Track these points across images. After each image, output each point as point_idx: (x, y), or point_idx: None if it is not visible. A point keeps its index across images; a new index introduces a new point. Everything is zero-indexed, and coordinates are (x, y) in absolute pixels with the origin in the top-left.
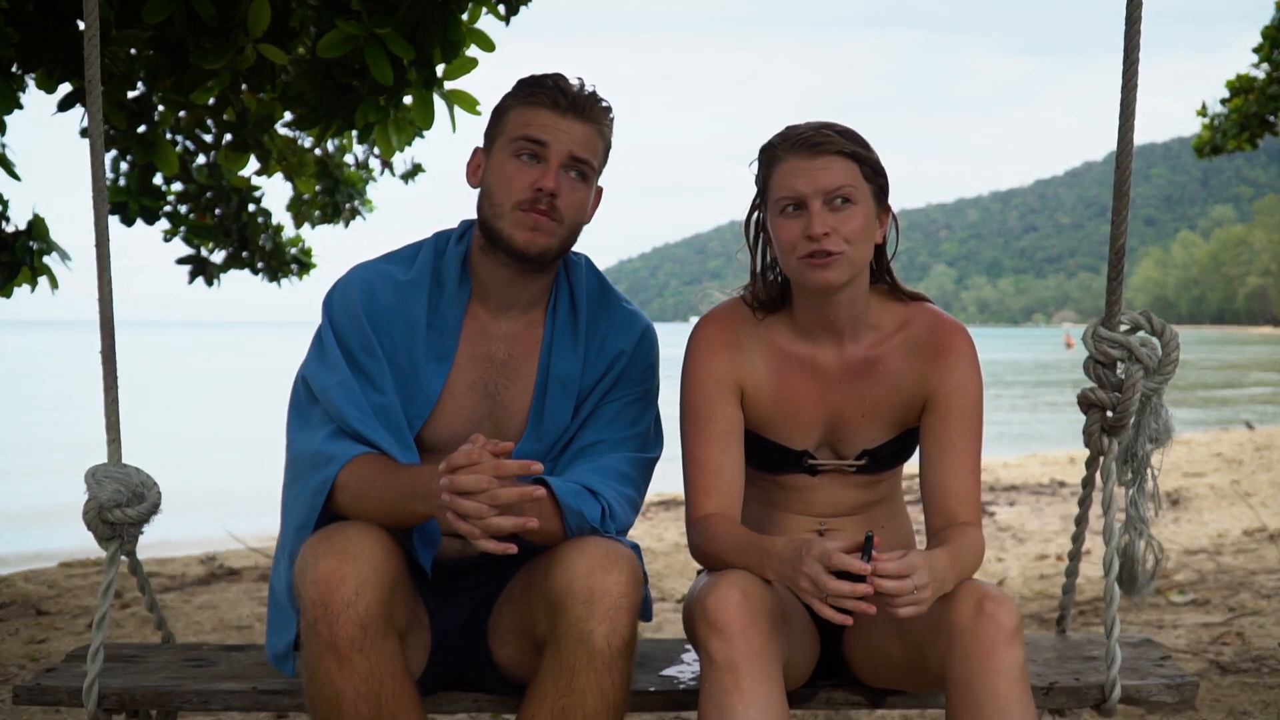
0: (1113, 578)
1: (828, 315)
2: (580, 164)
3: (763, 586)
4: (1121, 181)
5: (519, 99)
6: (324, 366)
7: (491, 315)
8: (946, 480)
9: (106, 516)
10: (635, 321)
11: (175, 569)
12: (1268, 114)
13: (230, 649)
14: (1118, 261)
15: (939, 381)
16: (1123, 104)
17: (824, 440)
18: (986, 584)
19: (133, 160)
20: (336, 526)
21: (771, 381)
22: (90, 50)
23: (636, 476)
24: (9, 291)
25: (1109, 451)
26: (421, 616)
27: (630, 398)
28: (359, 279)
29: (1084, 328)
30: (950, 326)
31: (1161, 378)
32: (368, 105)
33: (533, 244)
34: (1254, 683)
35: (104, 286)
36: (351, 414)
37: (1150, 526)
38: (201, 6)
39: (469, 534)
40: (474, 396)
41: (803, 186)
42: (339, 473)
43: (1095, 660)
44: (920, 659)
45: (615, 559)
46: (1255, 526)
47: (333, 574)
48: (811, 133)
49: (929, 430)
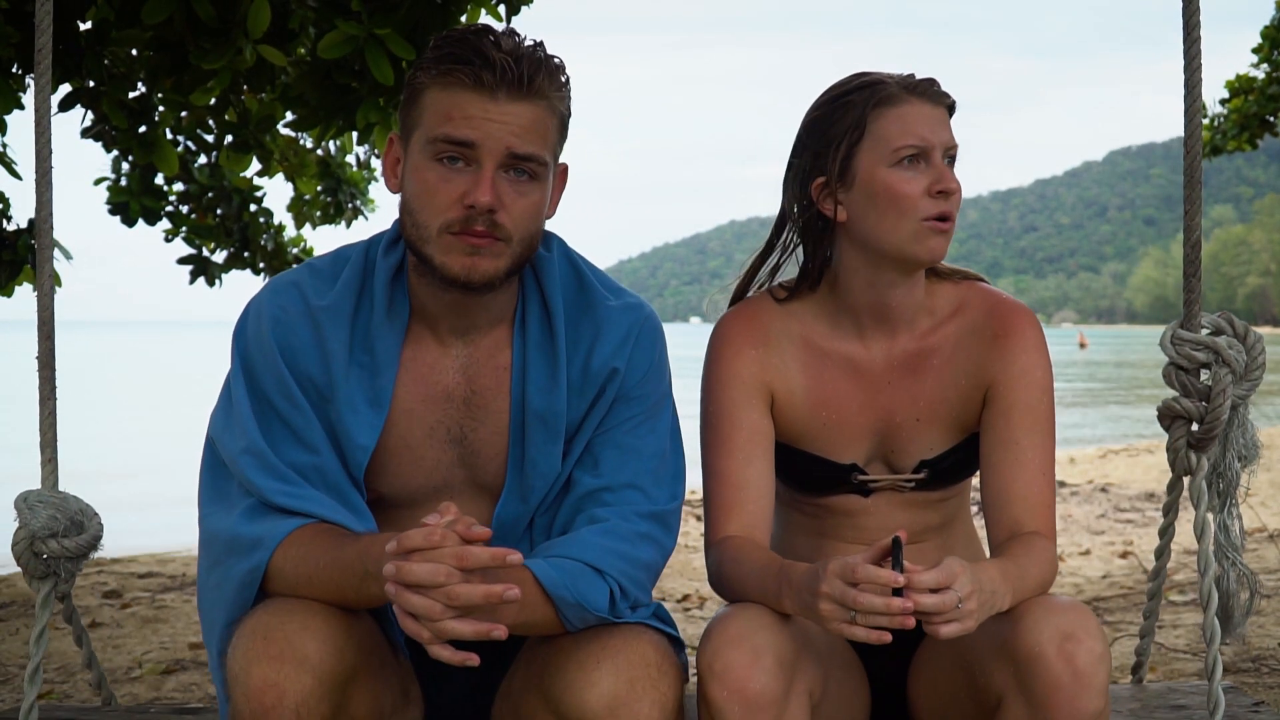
0: (1212, 614)
1: (889, 300)
2: (525, 162)
3: (782, 622)
4: (1192, 169)
5: (433, 75)
6: (229, 426)
7: (441, 343)
8: (1011, 484)
9: (39, 549)
10: (626, 319)
11: (175, 569)
12: (1267, 114)
13: (183, 712)
14: (1194, 256)
15: (1000, 369)
16: (1186, 87)
17: (875, 453)
18: (1070, 604)
19: (134, 160)
20: (276, 615)
21: (807, 384)
22: (42, 16)
23: (657, 532)
24: (10, 290)
25: (1198, 469)
26: (410, 692)
27: (634, 422)
28: (270, 304)
29: (1079, 328)
30: (1010, 306)
31: (1250, 384)
32: (368, 106)
33: (474, 271)
34: (1254, 683)
35: (43, 281)
36: (269, 487)
37: (1241, 555)
38: (201, 7)
39: (416, 635)
40: (435, 443)
41: (929, 134)
42: (270, 559)
43: (1186, 710)
44: (985, 688)
45: (645, 684)
46: (1255, 526)
47: (268, 689)
48: (927, 79)
49: (990, 427)
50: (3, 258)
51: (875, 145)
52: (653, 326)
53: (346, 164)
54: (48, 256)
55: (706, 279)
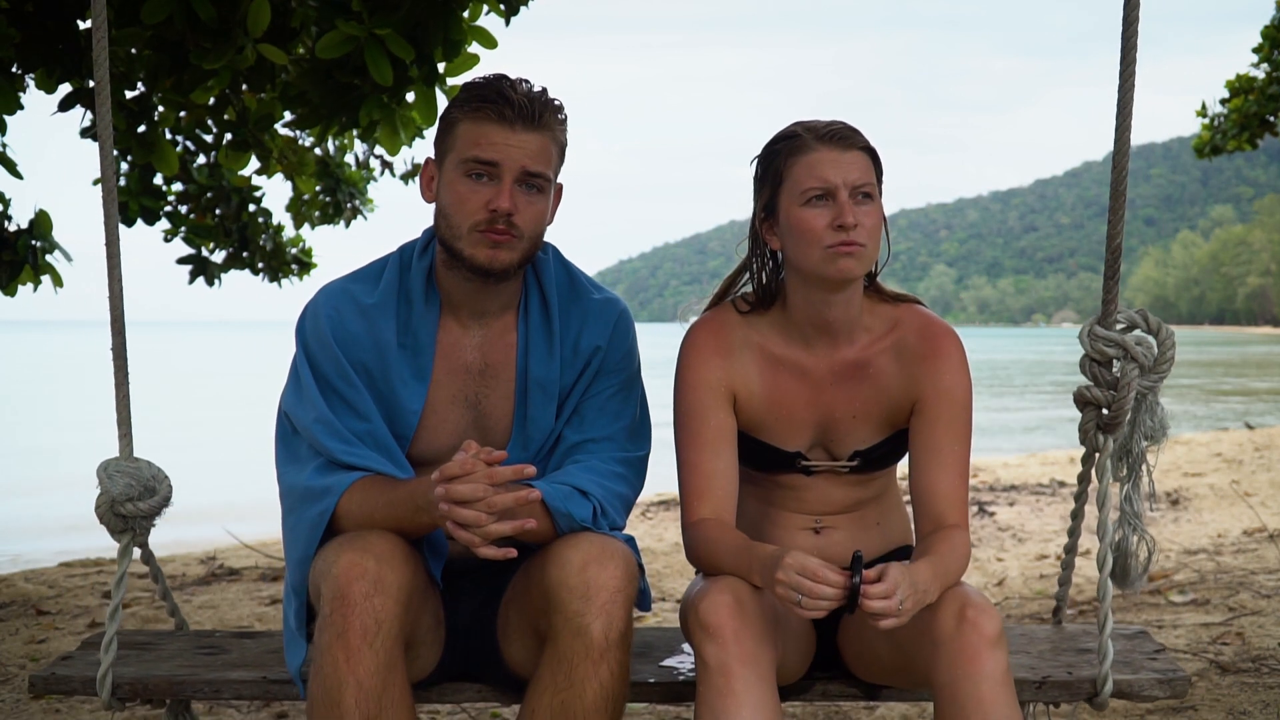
0: (1106, 572)
1: (826, 315)
2: (534, 178)
3: (755, 590)
4: (1118, 181)
5: (465, 111)
6: (301, 401)
7: (463, 326)
8: (935, 483)
9: (119, 510)
10: (606, 311)
11: (176, 568)
12: (1267, 114)
13: (242, 635)
14: (1114, 261)
15: (927, 384)
16: (1119, 104)
17: (816, 441)
18: (969, 590)
19: (133, 160)
20: (357, 533)
21: (763, 386)
22: (99, 52)
23: (629, 474)
24: (13, 290)
25: (1104, 449)
26: (439, 615)
27: (611, 390)
28: (325, 306)
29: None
30: (939, 329)
31: (1157, 376)
32: (371, 103)
33: (495, 261)
34: (1254, 683)
35: (114, 284)
36: (337, 448)
37: (1144, 522)
38: (200, 7)
39: (469, 542)
40: (456, 409)
41: (833, 176)
42: (338, 503)
43: (1089, 654)
44: (908, 663)
45: (610, 553)
46: (1255, 526)
47: (353, 567)
48: (839, 126)
49: (917, 433)
50: (3, 258)
51: (791, 188)
52: (627, 317)
53: (345, 164)
54: (116, 264)
55: (706, 279)
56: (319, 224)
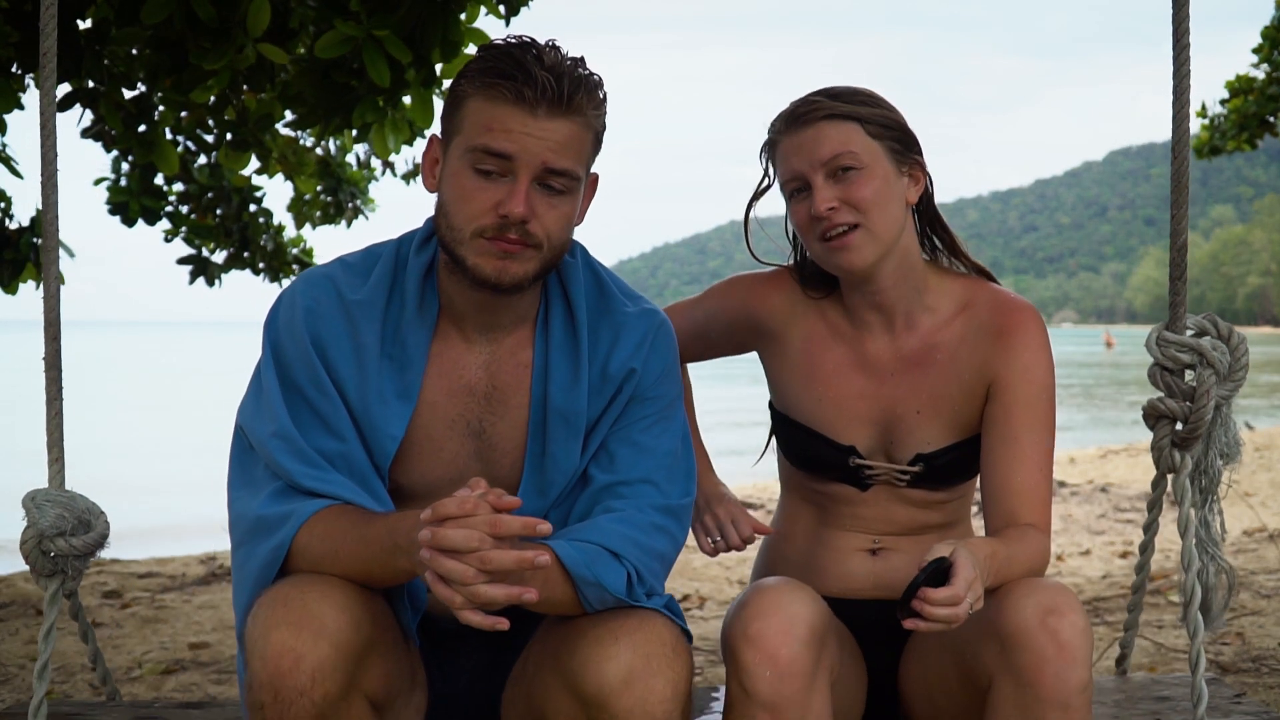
0: (1196, 607)
1: (876, 298)
2: (558, 176)
3: (815, 606)
4: (1179, 174)
5: (476, 85)
6: (259, 411)
7: (466, 340)
8: (1009, 478)
9: (47, 547)
10: (643, 324)
11: (175, 569)
12: (1267, 114)
13: (188, 706)
14: (1180, 260)
15: (1002, 365)
16: (1175, 92)
17: (875, 443)
18: (1052, 583)
19: (133, 160)
20: (296, 585)
21: (804, 346)
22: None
23: (670, 525)
24: (14, 288)
25: (1182, 467)
26: (417, 676)
27: (649, 421)
28: (304, 296)
29: (1106, 328)
30: (1015, 305)
31: (1233, 384)
32: (365, 105)
33: (504, 274)
34: (1254, 683)
35: (49, 283)
36: (297, 470)
37: (1221, 550)
38: (200, 7)
39: (449, 600)
40: (455, 435)
41: (799, 164)
42: (295, 535)
43: (1170, 701)
44: (974, 670)
45: (660, 661)
46: (1255, 526)
47: (285, 654)
48: (798, 104)
49: (991, 422)
50: (5, 256)
51: (781, 188)
52: (667, 332)
53: (346, 164)
54: (54, 259)
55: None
56: (320, 224)
